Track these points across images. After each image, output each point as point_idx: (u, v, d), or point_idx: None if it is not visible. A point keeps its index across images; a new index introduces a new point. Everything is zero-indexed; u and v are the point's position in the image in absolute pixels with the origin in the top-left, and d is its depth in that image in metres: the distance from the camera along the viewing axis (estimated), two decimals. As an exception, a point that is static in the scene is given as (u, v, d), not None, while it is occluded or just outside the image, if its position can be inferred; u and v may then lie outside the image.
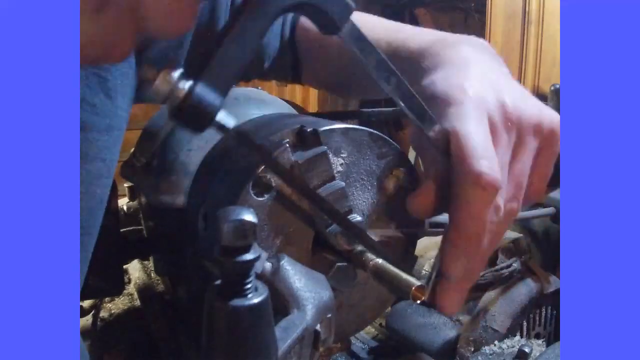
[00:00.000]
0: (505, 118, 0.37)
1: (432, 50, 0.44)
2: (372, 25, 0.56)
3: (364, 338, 0.68)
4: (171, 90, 0.28)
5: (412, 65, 0.45)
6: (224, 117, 0.30)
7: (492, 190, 0.34)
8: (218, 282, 0.27)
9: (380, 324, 0.69)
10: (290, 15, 0.67)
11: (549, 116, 0.39)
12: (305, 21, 0.66)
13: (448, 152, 0.36)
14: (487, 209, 0.35)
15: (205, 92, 0.29)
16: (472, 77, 0.39)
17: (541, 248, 0.74)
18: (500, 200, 0.36)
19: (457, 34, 0.48)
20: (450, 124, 0.36)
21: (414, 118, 0.36)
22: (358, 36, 0.33)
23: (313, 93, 2.40)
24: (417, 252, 0.50)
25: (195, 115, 0.29)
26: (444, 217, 0.68)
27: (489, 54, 0.44)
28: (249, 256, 0.26)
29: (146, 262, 0.84)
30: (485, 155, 0.34)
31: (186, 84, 0.28)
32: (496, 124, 0.37)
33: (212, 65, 0.29)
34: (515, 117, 0.37)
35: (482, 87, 0.38)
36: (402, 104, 0.36)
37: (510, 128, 0.37)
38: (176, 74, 0.28)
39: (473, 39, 0.46)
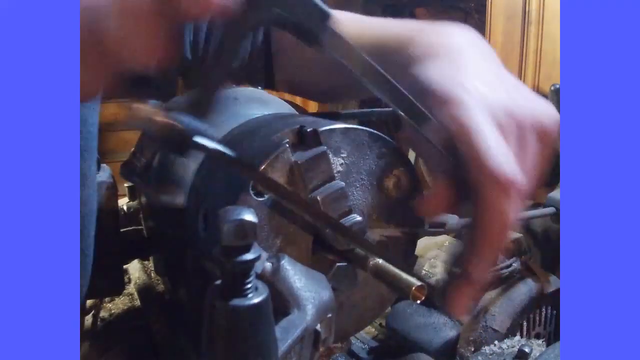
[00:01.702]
0: (509, 118, 0.36)
1: (420, 38, 0.43)
2: (353, 22, 0.53)
3: (364, 338, 0.68)
4: (148, 119, 0.28)
5: (398, 54, 0.43)
6: (204, 140, 0.30)
7: (514, 189, 0.33)
8: (218, 282, 0.27)
9: (380, 324, 0.69)
10: None
11: (549, 114, 0.38)
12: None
13: (453, 151, 0.35)
14: (511, 209, 0.34)
15: (179, 118, 0.29)
16: (470, 73, 0.38)
17: (541, 248, 0.74)
18: (520, 197, 0.35)
19: (444, 23, 0.46)
20: (456, 124, 0.35)
21: (407, 117, 0.36)
22: (340, 43, 0.32)
23: (313, 93, 2.37)
24: (417, 252, 0.50)
25: (173, 141, 0.29)
26: (443, 217, 0.68)
27: (478, 41, 0.43)
28: (249, 256, 0.26)
29: (146, 262, 0.84)
30: (503, 153, 0.33)
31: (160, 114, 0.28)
32: (501, 124, 0.36)
33: (192, 91, 0.29)
34: (518, 116, 0.36)
35: (482, 84, 0.37)
36: (393, 104, 0.35)
37: (514, 127, 0.36)
38: (150, 104, 0.28)
39: (460, 25, 0.44)
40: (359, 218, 0.42)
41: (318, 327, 0.33)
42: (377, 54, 0.33)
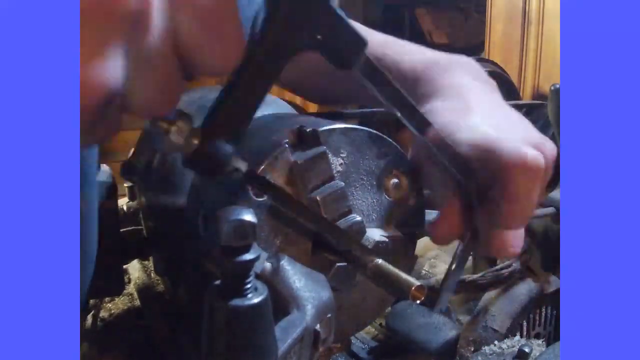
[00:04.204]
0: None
1: (426, 76, 0.46)
2: (377, 46, 0.55)
3: (364, 338, 0.68)
4: (185, 142, 0.29)
5: (410, 89, 0.46)
6: (238, 163, 0.31)
7: (539, 170, 0.37)
8: (218, 282, 0.27)
9: (380, 324, 0.69)
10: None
11: (547, 145, 0.41)
12: None
13: (464, 167, 0.38)
14: (535, 189, 0.38)
15: (218, 144, 0.29)
16: (475, 109, 0.41)
17: (541, 248, 0.74)
18: (540, 179, 0.38)
19: (446, 54, 0.49)
20: (474, 140, 0.38)
21: (425, 140, 0.38)
22: (372, 70, 0.32)
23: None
24: (417, 252, 0.50)
25: (209, 165, 0.30)
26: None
27: (480, 78, 0.46)
28: (248, 256, 0.26)
29: (146, 262, 0.84)
30: (525, 142, 0.37)
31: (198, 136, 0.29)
32: None
33: (226, 113, 0.29)
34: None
35: (485, 117, 0.41)
36: (415, 130, 0.37)
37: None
38: (188, 126, 0.29)
39: (462, 60, 0.48)
40: (358, 218, 0.42)
41: (317, 327, 0.33)
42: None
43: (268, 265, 0.33)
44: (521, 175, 0.37)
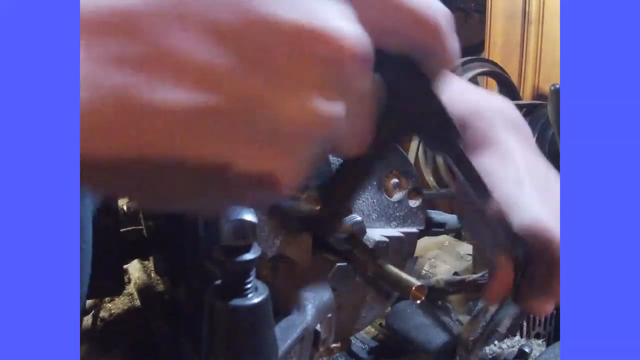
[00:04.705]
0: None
1: (470, 125, 0.49)
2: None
3: (364, 338, 0.68)
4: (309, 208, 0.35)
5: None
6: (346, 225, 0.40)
7: None
8: (218, 282, 0.27)
9: (380, 324, 0.69)
10: None
11: None
12: None
13: (511, 235, 0.42)
14: None
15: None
16: (520, 168, 0.46)
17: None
18: None
19: (486, 99, 0.52)
20: (524, 217, 0.42)
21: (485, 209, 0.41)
22: (461, 159, 0.36)
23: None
24: (417, 252, 0.50)
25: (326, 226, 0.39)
26: (443, 217, 0.68)
27: (517, 125, 0.50)
28: (249, 256, 0.26)
29: (146, 262, 0.84)
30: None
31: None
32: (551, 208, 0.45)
33: (345, 186, 0.35)
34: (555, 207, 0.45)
35: (529, 179, 0.45)
36: (478, 199, 0.40)
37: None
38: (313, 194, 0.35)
39: (502, 108, 0.51)
40: (358, 218, 0.42)
41: (318, 327, 0.33)
42: None
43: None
44: None
